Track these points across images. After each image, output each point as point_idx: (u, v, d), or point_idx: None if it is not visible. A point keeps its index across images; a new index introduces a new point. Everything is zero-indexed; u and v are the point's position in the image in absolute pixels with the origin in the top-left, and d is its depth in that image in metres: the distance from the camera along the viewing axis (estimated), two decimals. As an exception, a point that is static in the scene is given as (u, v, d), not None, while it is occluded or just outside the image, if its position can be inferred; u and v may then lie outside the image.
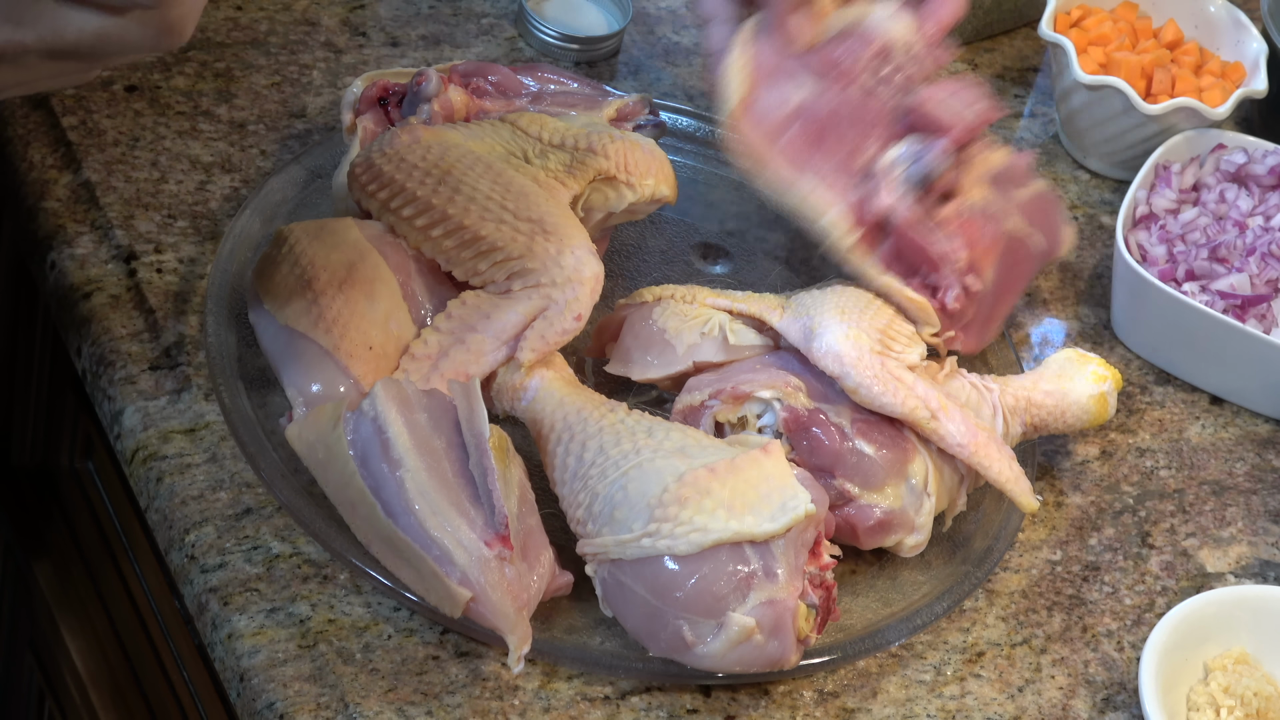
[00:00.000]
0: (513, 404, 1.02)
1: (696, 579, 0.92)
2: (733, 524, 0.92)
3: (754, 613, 0.91)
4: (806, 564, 0.94)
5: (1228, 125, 1.35)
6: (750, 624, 0.91)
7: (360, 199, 1.06)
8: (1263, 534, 1.13)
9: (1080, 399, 1.09)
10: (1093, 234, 1.30)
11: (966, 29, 1.43)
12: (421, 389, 0.97)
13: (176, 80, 1.21)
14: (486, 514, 0.92)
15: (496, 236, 1.03)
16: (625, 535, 0.93)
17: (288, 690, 0.92)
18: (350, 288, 1.01)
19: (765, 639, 0.92)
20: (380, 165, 1.05)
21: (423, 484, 0.92)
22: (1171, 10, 1.38)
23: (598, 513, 0.95)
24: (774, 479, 0.94)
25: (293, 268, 1.02)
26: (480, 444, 0.94)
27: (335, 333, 0.99)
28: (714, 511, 0.92)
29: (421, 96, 1.12)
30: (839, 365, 1.01)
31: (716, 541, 0.92)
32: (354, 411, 0.95)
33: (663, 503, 0.93)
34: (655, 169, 1.10)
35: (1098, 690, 1.02)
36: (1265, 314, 1.18)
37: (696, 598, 0.92)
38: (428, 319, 1.03)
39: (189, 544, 0.97)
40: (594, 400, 1.01)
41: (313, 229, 1.04)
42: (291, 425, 0.97)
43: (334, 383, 0.99)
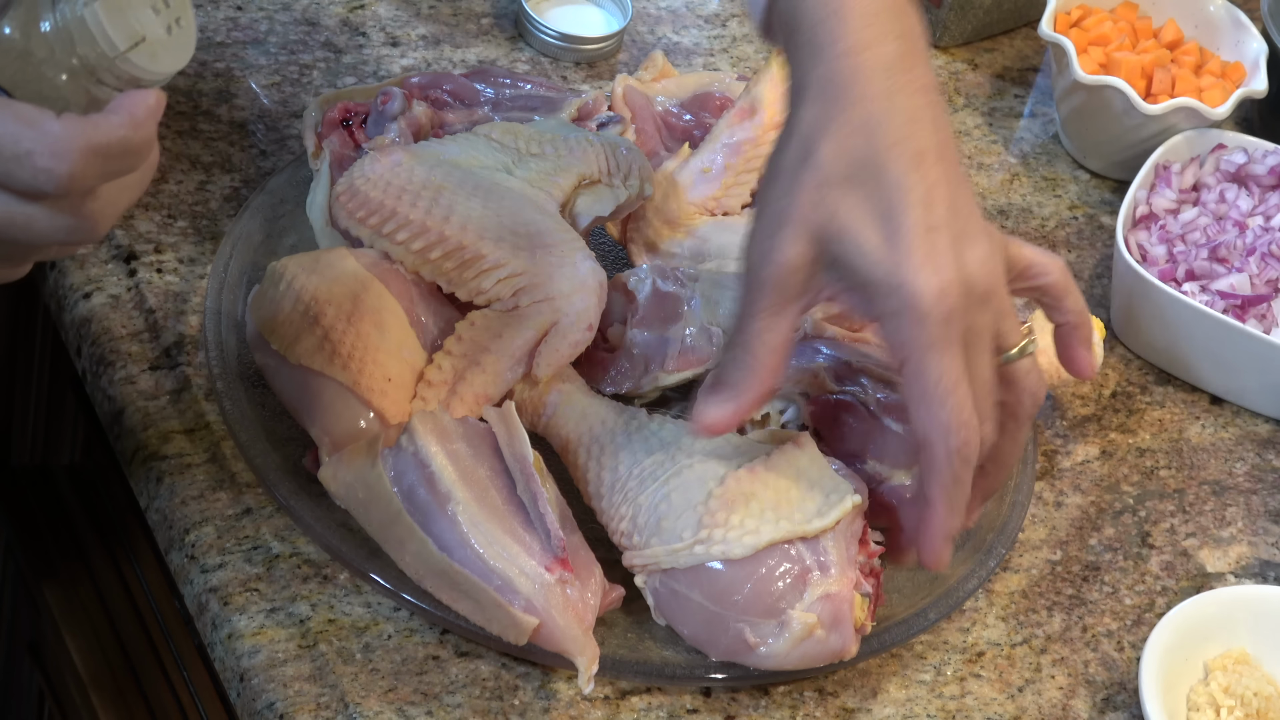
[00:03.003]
0: (534, 421, 1.01)
1: (754, 581, 0.92)
2: (783, 523, 0.92)
3: (813, 608, 0.92)
4: (856, 554, 0.94)
5: (1228, 125, 1.35)
6: (812, 620, 0.92)
7: (349, 227, 1.04)
8: (1263, 534, 1.13)
9: None
10: (1093, 234, 1.30)
11: (966, 29, 1.43)
12: (454, 417, 0.96)
13: (176, 80, 1.21)
14: (542, 539, 0.92)
15: (497, 254, 1.02)
16: (676, 544, 0.93)
17: (288, 690, 0.92)
18: (359, 320, 0.99)
19: (826, 633, 0.92)
20: (366, 191, 1.04)
21: (475, 515, 0.92)
22: (1171, 10, 1.38)
23: (643, 524, 0.95)
24: (813, 473, 0.95)
25: (295, 304, 0.99)
26: (525, 469, 0.94)
27: (353, 368, 0.97)
28: (762, 513, 0.93)
29: (387, 115, 1.10)
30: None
31: (770, 542, 0.92)
32: (391, 448, 0.94)
33: (710, 509, 0.93)
34: (636, 168, 1.09)
35: (1098, 690, 1.02)
36: (1265, 314, 1.18)
37: (756, 600, 0.92)
38: (437, 343, 1.01)
39: (189, 544, 0.97)
40: (615, 409, 1.01)
41: (308, 262, 1.01)
42: (325, 467, 0.95)
43: (357, 419, 0.97)
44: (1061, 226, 1.30)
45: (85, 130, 0.73)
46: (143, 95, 0.75)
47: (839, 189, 0.87)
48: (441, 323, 1.02)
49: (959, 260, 0.87)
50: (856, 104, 0.88)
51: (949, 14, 1.41)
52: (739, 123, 1.12)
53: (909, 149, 0.87)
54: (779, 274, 0.89)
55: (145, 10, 0.80)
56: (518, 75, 1.18)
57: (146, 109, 0.74)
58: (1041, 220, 1.30)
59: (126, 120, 0.74)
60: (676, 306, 1.05)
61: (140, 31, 0.80)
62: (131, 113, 0.74)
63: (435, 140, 1.09)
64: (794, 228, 0.88)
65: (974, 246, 0.88)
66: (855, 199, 0.87)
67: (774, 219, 0.89)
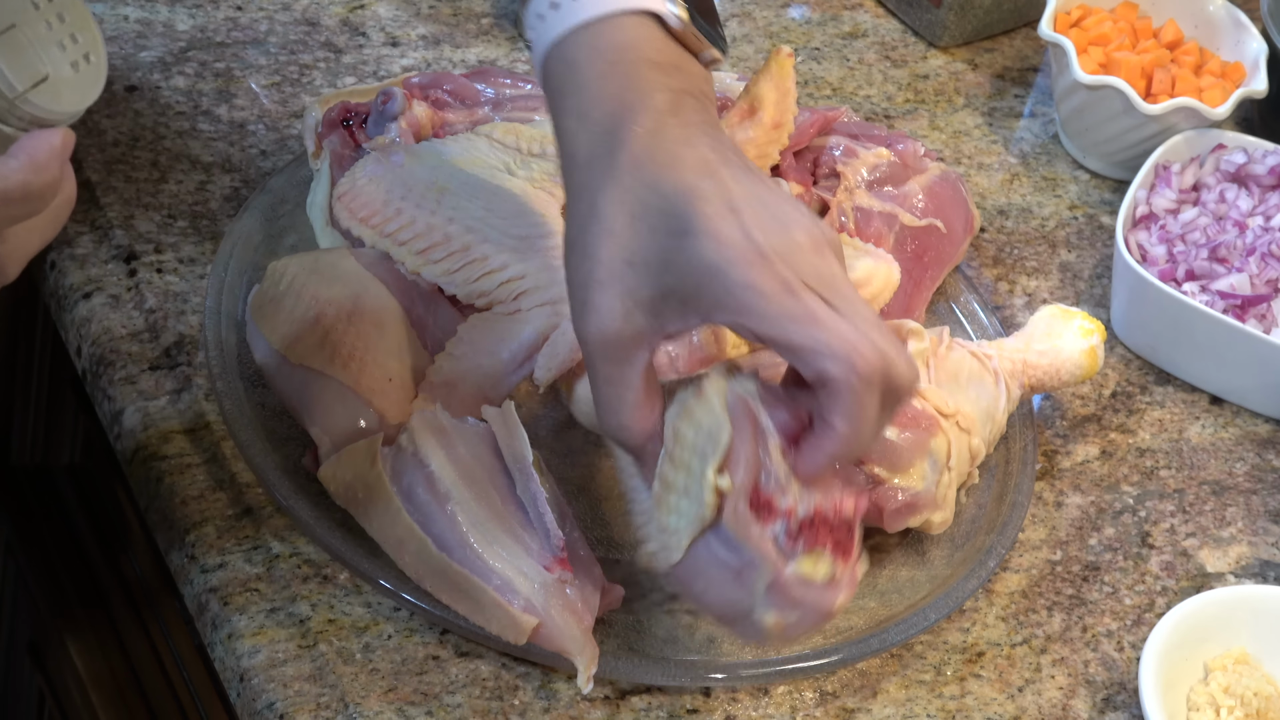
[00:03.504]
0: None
1: (704, 588, 0.87)
2: (689, 510, 0.86)
3: (768, 604, 0.86)
4: (763, 528, 0.85)
5: (1228, 125, 1.35)
6: (775, 619, 0.86)
7: (351, 227, 1.04)
8: (1263, 534, 1.13)
9: (1073, 355, 1.10)
10: (1093, 234, 1.30)
11: (966, 29, 1.43)
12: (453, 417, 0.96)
13: (176, 80, 1.21)
14: (541, 538, 0.92)
15: (499, 256, 1.01)
16: (647, 558, 0.89)
17: (288, 690, 0.92)
18: (359, 320, 0.99)
19: (797, 615, 0.86)
20: (368, 191, 1.04)
21: (474, 515, 0.92)
22: (1171, 10, 1.38)
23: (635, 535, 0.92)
24: (701, 431, 0.87)
25: (295, 304, 0.99)
26: (525, 468, 0.94)
27: (353, 369, 0.98)
28: (676, 506, 0.87)
29: (387, 115, 1.10)
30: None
31: (690, 542, 0.86)
32: (390, 447, 0.94)
33: (647, 511, 0.89)
34: None
35: (1098, 690, 1.02)
36: (1265, 314, 1.18)
37: (724, 606, 0.87)
38: (439, 344, 1.01)
39: (189, 544, 0.97)
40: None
41: (308, 262, 1.01)
42: (325, 467, 0.95)
43: (357, 419, 0.97)
44: (1061, 226, 1.30)
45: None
46: (45, 136, 0.73)
47: (631, 227, 0.83)
48: (444, 324, 1.02)
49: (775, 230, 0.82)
50: (625, 149, 0.84)
51: (949, 14, 1.41)
52: (740, 122, 1.12)
53: (690, 161, 0.83)
54: (604, 338, 0.84)
55: (51, 47, 0.76)
56: (518, 75, 1.18)
57: (49, 150, 0.72)
58: (1041, 220, 1.30)
59: (26, 164, 0.72)
60: None
61: (43, 70, 0.76)
62: (32, 156, 0.72)
63: (436, 140, 1.09)
64: (601, 286, 0.84)
65: (791, 219, 0.83)
66: (648, 227, 0.83)
67: (581, 287, 0.85)
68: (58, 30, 0.76)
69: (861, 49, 1.41)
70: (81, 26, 0.77)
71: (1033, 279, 1.25)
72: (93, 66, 0.77)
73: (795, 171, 1.15)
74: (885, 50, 1.42)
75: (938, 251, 1.16)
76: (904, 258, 1.13)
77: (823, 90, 1.36)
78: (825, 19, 1.44)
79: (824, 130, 1.19)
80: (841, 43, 1.42)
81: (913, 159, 1.19)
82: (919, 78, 1.40)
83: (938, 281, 1.17)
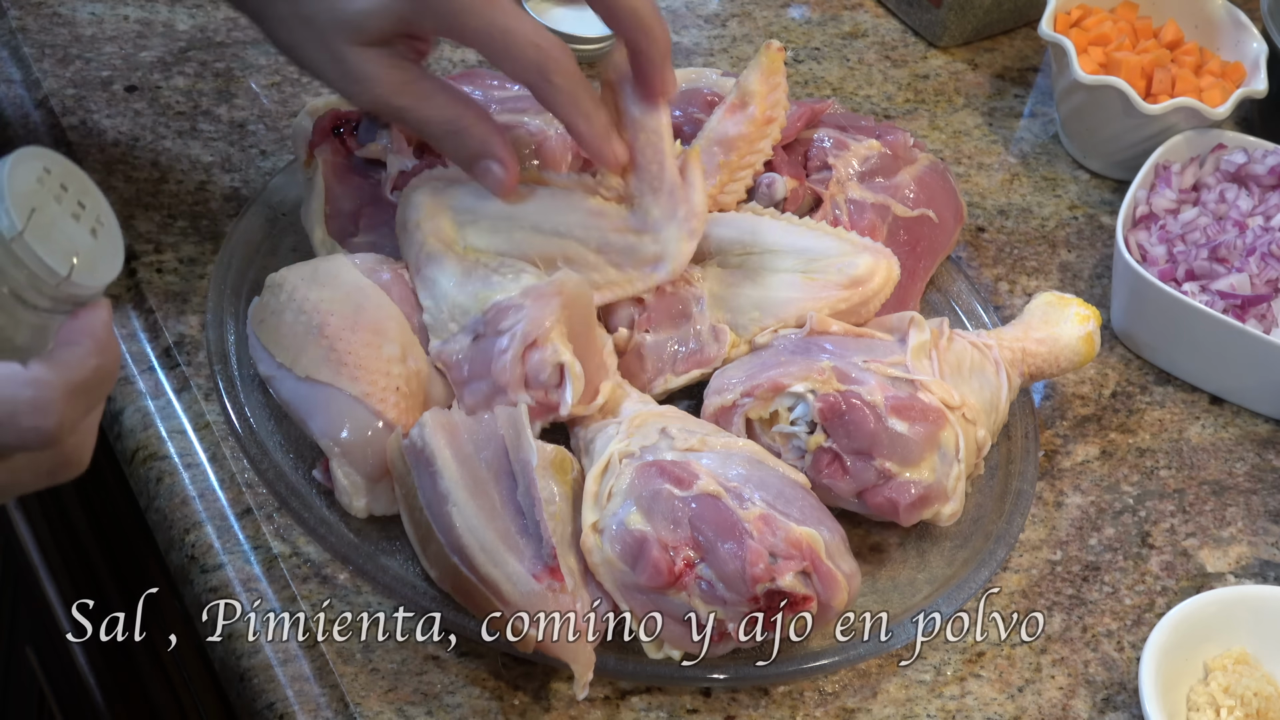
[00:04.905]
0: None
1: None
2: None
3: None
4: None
5: (1228, 125, 1.35)
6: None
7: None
8: (1263, 534, 1.13)
9: (1071, 342, 1.11)
10: (1093, 234, 1.30)
11: (966, 29, 1.43)
12: (468, 416, 0.96)
13: (176, 80, 1.21)
14: (534, 546, 0.92)
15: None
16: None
17: (288, 690, 0.92)
18: (363, 330, 0.98)
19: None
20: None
21: (469, 518, 0.92)
22: (1171, 10, 1.38)
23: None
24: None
25: (298, 315, 0.99)
26: (527, 473, 0.93)
27: (362, 379, 0.97)
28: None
29: (379, 122, 1.10)
30: None
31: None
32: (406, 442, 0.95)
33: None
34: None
35: (1098, 690, 1.02)
36: (1265, 314, 1.18)
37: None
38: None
39: (189, 544, 0.97)
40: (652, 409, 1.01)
41: (307, 273, 1.01)
42: (392, 440, 0.96)
43: (367, 429, 0.97)
44: (1061, 226, 1.30)
45: (60, 374, 0.69)
46: (96, 314, 0.71)
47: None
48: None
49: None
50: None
51: (949, 14, 1.41)
52: (730, 117, 1.12)
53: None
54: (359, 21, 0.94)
55: (67, 221, 0.73)
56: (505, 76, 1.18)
57: (105, 327, 0.71)
58: (1041, 220, 1.30)
59: (93, 348, 0.70)
60: (685, 307, 1.05)
61: (72, 246, 0.73)
62: (94, 338, 0.70)
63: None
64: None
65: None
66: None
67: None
68: (67, 202, 0.73)
69: (861, 49, 1.41)
70: (83, 191, 0.74)
71: (1033, 279, 1.25)
72: (107, 230, 0.74)
73: (787, 165, 1.15)
74: (885, 50, 1.42)
75: (930, 241, 1.17)
76: (898, 248, 1.13)
77: (823, 90, 1.36)
78: (825, 19, 1.44)
79: (812, 123, 1.19)
80: (841, 43, 1.42)
81: (903, 149, 1.19)
82: (919, 78, 1.40)
83: (931, 271, 1.18)
